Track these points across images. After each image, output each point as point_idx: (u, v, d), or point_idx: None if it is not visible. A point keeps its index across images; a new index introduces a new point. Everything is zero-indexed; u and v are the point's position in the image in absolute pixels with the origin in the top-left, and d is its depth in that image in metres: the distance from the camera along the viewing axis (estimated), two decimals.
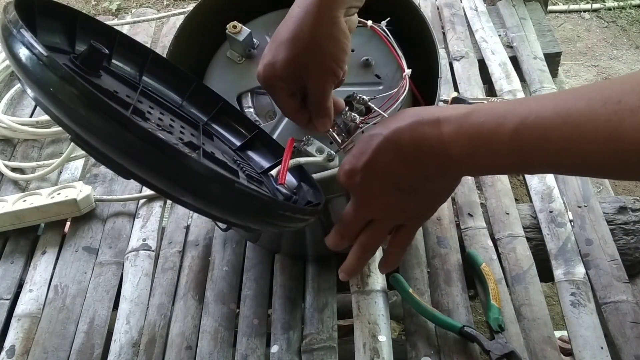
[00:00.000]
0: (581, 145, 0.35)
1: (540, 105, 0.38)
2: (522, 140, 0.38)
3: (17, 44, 0.37)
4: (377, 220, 0.50)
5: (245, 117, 0.60)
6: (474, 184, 0.81)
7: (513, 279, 0.69)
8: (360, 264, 0.54)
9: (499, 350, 0.61)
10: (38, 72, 0.36)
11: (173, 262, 0.75)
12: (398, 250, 0.55)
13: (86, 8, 2.22)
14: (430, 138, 0.43)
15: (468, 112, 0.42)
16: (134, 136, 0.36)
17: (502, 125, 0.39)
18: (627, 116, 0.33)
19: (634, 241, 0.73)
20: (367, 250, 0.53)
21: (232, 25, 0.62)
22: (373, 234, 0.51)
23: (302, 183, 0.54)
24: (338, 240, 0.53)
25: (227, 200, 0.40)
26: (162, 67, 0.58)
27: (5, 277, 0.76)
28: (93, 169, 0.88)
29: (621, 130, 0.33)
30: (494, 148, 0.40)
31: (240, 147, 0.58)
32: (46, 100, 0.37)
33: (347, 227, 0.52)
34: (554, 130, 0.36)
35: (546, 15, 1.12)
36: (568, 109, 0.36)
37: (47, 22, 0.47)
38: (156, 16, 1.14)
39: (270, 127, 0.60)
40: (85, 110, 0.36)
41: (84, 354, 0.67)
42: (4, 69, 1.03)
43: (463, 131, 0.41)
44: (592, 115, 0.35)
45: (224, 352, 0.66)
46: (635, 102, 0.33)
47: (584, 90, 0.37)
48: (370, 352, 0.63)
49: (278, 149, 0.57)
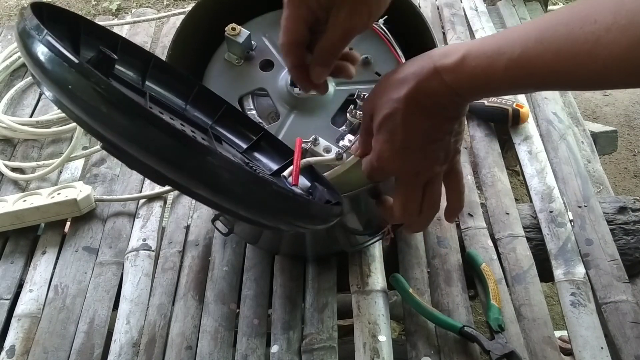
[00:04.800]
0: (564, 68, 0.39)
1: (523, 38, 0.41)
2: (513, 74, 0.42)
3: (40, 48, 0.37)
4: (429, 180, 0.49)
5: (249, 119, 0.60)
6: (474, 184, 0.81)
7: (513, 279, 0.69)
8: (429, 222, 0.53)
9: (499, 350, 0.61)
10: (68, 79, 0.36)
11: (173, 262, 0.75)
12: (460, 188, 0.53)
13: (86, 8, 2.22)
14: (439, 88, 0.45)
15: (460, 59, 0.44)
16: (172, 140, 0.36)
17: (493, 65, 0.42)
18: (603, 34, 0.36)
19: (634, 241, 0.73)
20: (436, 207, 0.52)
21: (231, 28, 0.62)
22: (435, 189, 0.50)
23: (316, 183, 0.54)
24: (406, 218, 0.51)
25: (265, 202, 0.40)
26: (165, 72, 0.58)
27: (5, 277, 0.76)
28: (93, 169, 0.88)
29: (598, 48, 0.37)
30: (490, 85, 0.44)
31: (247, 149, 0.58)
32: (77, 107, 0.36)
33: (410, 201, 0.50)
34: (538, 59, 0.40)
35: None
36: (550, 36, 0.39)
37: (53, 27, 0.47)
38: (156, 16, 1.14)
39: (275, 128, 0.60)
40: (121, 117, 0.35)
41: (84, 354, 0.67)
42: (4, 69, 1.03)
43: (462, 78, 0.44)
44: (571, 39, 0.38)
45: (224, 352, 0.66)
46: (609, 20, 0.36)
47: (564, 15, 0.40)
48: (370, 352, 0.63)
49: (285, 150, 0.57)
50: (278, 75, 0.62)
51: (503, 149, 0.87)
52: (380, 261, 0.71)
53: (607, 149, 1.00)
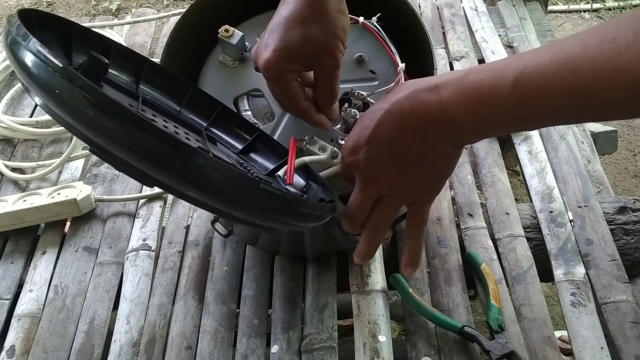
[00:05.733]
0: (581, 87, 0.36)
1: (537, 56, 0.39)
2: (522, 91, 0.39)
3: (27, 55, 0.37)
4: (385, 196, 0.50)
5: (244, 120, 0.60)
6: (474, 184, 0.81)
7: (513, 279, 0.69)
8: (373, 247, 0.53)
9: (499, 350, 0.61)
10: (54, 83, 0.36)
11: (173, 262, 0.75)
12: (416, 231, 0.53)
13: (86, 8, 2.22)
14: (430, 104, 0.43)
15: (465, 73, 0.42)
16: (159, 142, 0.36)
17: (501, 79, 0.40)
18: (624, 52, 0.34)
19: (634, 241, 0.73)
20: (379, 231, 0.52)
21: (224, 29, 0.62)
22: (382, 212, 0.50)
23: (310, 182, 0.54)
24: (350, 226, 0.52)
25: (255, 201, 0.40)
26: (158, 75, 0.58)
27: (5, 277, 0.76)
28: (93, 169, 0.88)
29: (619, 66, 0.35)
30: (494, 103, 0.40)
31: (243, 150, 0.58)
32: (64, 112, 0.37)
33: (357, 208, 0.51)
34: (553, 76, 0.37)
35: (546, 15, 1.12)
36: (565, 54, 0.37)
37: (44, 34, 0.47)
38: (156, 16, 1.14)
39: (270, 128, 0.61)
40: (108, 120, 0.36)
41: (84, 354, 0.67)
42: (4, 69, 1.03)
43: (462, 91, 0.42)
44: (589, 57, 0.36)
45: (224, 352, 0.66)
46: (630, 38, 0.34)
47: (579, 37, 0.38)
48: (370, 352, 0.63)
49: (280, 150, 0.57)
50: None
51: (503, 148, 0.87)
52: (380, 261, 0.71)
53: (607, 149, 1.00)
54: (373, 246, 0.53)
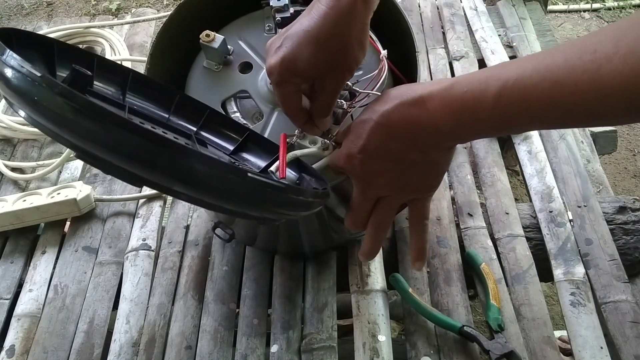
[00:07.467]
0: (563, 98, 0.37)
1: (520, 67, 0.40)
2: (505, 103, 0.40)
3: (5, 68, 0.37)
4: (385, 197, 0.51)
5: (233, 122, 0.61)
6: (473, 184, 0.81)
7: (513, 278, 0.69)
8: (376, 245, 0.55)
9: (498, 350, 0.61)
10: (34, 92, 0.36)
11: (173, 262, 0.75)
12: (419, 226, 0.54)
13: (86, 8, 2.22)
14: (418, 116, 0.44)
15: (450, 84, 0.43)
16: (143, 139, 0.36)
17: (485, 91, 0.41)
18: (604, 63, 0.35)
19: (634, 241, 0.73)
20: (381, 230, 0.54)
21: (205, 34, 0.62)
22: (383, 212, 0.52)
23: (303, 174, 0.55)
24: (352, 226, 0.54)
25: (243, 191, 0.40)
26: (144, 85, 0.58)
27: (5, 277, 0.76)
28: (93, 168, 0.88)
29: (599, 78, 0.35)
30: (479, 115, 0.42)
31: (234, 150, 0.59)
32: (46, 120, 0.37)
33: (358, 210, 0.52)
34: (534, 88, 0.38)
35: (546, 15, 1.12)
36: (546, 65, 0.38)
37: (25, 52, 0.48)
38: (156, 16, 1.14)
39: (260, 127, 0.61)
40: (89, 123, 0.36)
41: (83, 354, 0.67)
42: None
43: (448, 104, 0.43)
44: (570, 68, 0.37)
45: (224, 351, 0.66)
46: (610, 49, 0.35)
47: (561, 48, 0.39)
48: (370, 352, 0.63)
49: (272, 147, 0.57)
50: (257, 76, 0.63)
51: (503, 148, 0.87)
52: (379, 261, 0.72)
53: (606, 149, 1.00)
54: (377, 244, 0.55)
